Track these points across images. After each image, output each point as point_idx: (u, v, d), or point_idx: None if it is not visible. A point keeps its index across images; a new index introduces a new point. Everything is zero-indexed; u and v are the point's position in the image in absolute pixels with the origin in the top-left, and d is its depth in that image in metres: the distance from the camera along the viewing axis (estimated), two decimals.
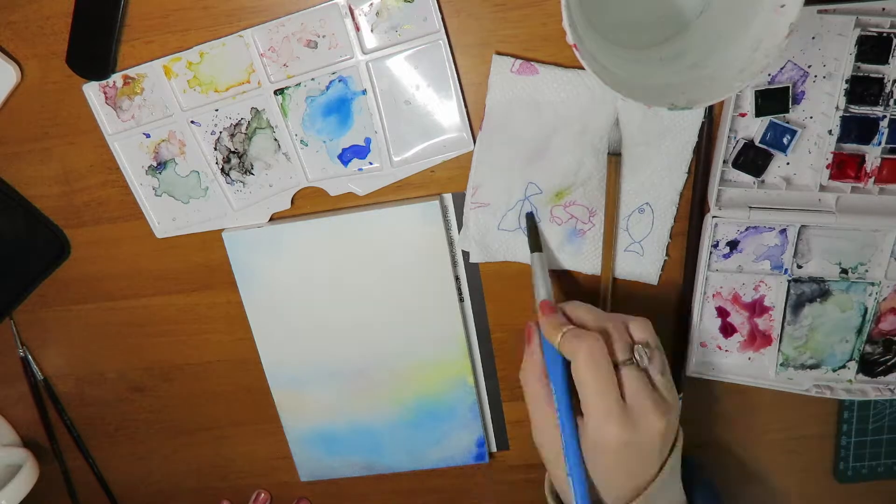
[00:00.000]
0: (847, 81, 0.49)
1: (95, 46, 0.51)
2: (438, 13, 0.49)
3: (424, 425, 0.64)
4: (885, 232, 0.54)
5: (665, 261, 0.57)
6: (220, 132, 0.54)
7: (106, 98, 0.53)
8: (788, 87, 0.50)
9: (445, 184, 0.56)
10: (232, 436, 0.68)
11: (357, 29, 0.50)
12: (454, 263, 0.59)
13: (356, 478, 0.67)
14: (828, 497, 0.67)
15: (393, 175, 0.55)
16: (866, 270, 0.56)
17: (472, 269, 0.59)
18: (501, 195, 0.55)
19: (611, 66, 0.43)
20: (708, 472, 0.67)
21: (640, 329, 0.48)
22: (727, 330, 0.59)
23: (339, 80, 0.52)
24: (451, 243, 0.58)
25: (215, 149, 0.55)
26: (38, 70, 0.53)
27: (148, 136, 0.55)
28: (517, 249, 0.57)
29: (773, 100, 0.50)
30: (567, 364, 0.47)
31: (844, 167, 0.52)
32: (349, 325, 0.60)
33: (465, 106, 0.53)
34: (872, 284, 0.56)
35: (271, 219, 0.58)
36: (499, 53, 0.51)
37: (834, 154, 0.51)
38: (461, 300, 0.60)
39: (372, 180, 0.55)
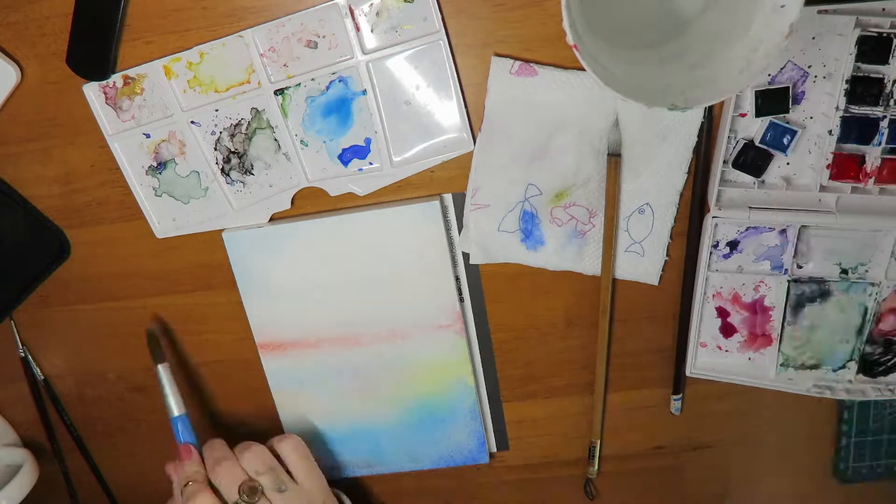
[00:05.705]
0: (847, 81, 0.49)
1: (95, 46, 0.51)
2: (438, 13, 0.49)
3: (424, 425, 0.64)
4: (885, 232, 0.54)
5: (666, 261, 0.57)
6: (220, 132, 0.54)
7: (106, 98, 0.53)
8: (788, 87, 0.50)
9: (445, 184, 0.56)
10: (232, 436, 0.67)
11: (357, 29, 0.50)
12: (454, 263, 0.59)
13: (356, 478, 0.67)
14: (828, 497, 0.67)
15: (393, 175, 0.55)
16: (866, 270, 0.56)
17: (472, 270, 0.59)
18: (501, 197, 0.55)
19: (611, 67, 0.43)
20: (709, 472, 0.67)
21: (250, 459, 0.54)
22: (727, 330, 0.59)
23: (340, 81, 0.52)
24: (451, 243, 0.58)
25: (215, 149, 0.55)
26: (38, 70, 0.53)
27: (148, 136, 0.55)
28: (517, 251, 0.57)
29: (773, 100, 0.50)
30: None
31: (844, 167, 0.52)
32: (349, 325, 0.60)
33: (466, 106, 0.53)
34: (872, 285, 0.56)
35: (271, 219, 0.58)
36: (498, 55, 0.51)
37: (834, 154, 0.51)
38: (461, 300, 0.60)
39: (372, 180, 0.55)
